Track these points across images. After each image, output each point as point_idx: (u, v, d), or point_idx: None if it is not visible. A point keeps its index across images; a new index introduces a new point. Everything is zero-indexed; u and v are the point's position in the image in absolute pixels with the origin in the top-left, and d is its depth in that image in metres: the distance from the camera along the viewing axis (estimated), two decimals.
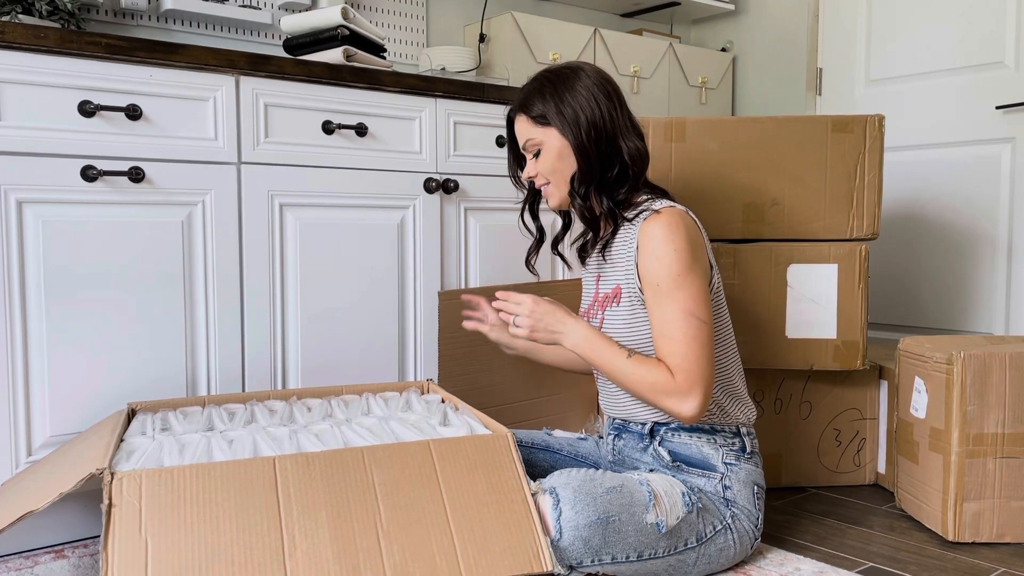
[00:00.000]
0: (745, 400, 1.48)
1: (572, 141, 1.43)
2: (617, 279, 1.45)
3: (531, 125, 1.46)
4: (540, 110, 1.45)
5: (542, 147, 1.46)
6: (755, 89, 3.15)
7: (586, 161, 1.43)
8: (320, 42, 1.90)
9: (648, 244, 1.37)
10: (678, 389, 1.33)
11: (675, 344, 1.34)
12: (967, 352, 1.56)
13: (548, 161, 1.46)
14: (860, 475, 1.94)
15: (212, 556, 1.05)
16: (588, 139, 1.42)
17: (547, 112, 1.44)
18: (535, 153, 1.48)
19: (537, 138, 1.46)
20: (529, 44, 2.59)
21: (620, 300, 1.44)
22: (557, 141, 1.44)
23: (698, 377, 1.33)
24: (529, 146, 1.48)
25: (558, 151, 1.45)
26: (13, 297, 1.43)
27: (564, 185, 1.47)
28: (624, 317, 1.44)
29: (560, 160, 1.45)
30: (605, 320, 1.48)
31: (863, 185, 1.83)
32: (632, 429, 1.49)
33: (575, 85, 1.44)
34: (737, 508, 1.40)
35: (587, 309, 1.56)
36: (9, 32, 1.38)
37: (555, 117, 1.43)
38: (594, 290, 1.53)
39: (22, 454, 1.45)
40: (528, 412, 1.90)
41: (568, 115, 1.43)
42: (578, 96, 1.43)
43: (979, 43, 2.54)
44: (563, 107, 1.43)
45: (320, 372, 1.75)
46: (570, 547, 1.20)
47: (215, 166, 1.61)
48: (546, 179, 1.49)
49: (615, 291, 1.46)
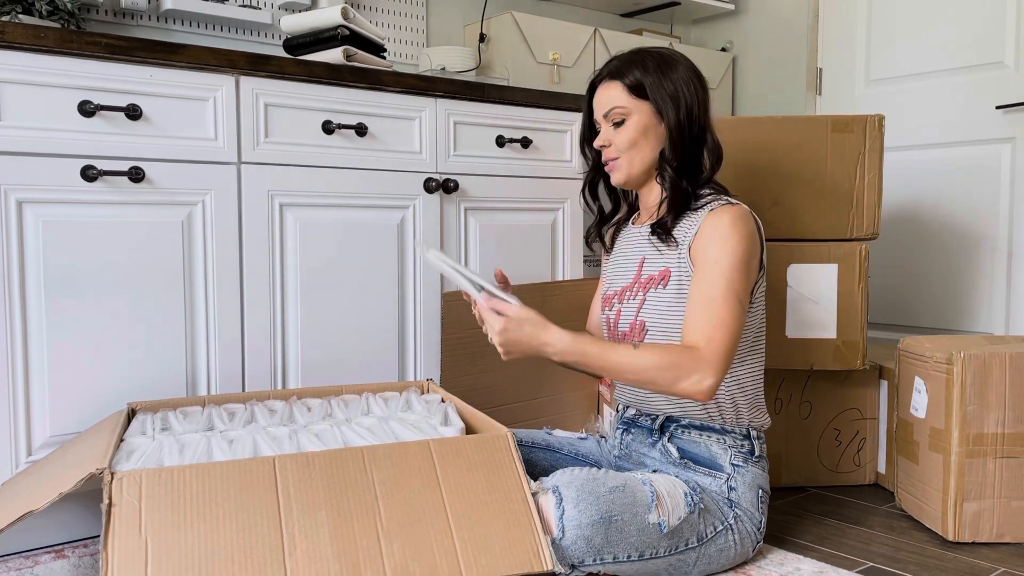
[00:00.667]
0: (762, 408, 1.49)
1: (670, 120, 1.43)
2: (668, 263, 1.45)
3: (624, 93, 1.45)
4: (638, 81, 1.44)
5: (628, 118, 1.45)
6: (755, 89, 3.15)
7: (680, 143, 1.44)
8: (320, 42, 1.90)
9: (712, 230, 1.38)
10: (703, 361, 1.30)
11: (714, 321, 1.32)
12: (967, 352, 1.56)
13: (630, 133, 1.45)
14: (860, 475, 1.94)
15: (212, 556, 1.05)
16: (686, 122, 1.43)
17: (647, 85, 1.43)
18: (618, 122, 1.46)
19: (627, 108, 1.45)
20: (529, 44, 2.59)
21: (668, 283, 1.44)
22: (647, 117, 1.44)
23: (724, 354, 1.32)
24: (614, 114, 1.46)
25: (644, 126, 1.44)
26: (13, 297, 1.43)
27: (637, 162, 1.47)
28: (668, 300, 1.44)
29: (643, 135, 1.45)
30: (647, 301, 1.47)
31: (863, 185, 1.83)
32: (642, 424, 1.50)
33: (677, 67, 1.45)
34: (740, 510, 1.40)
35: (619, 291, 1.54)
36: (9, 32, 1.38)
37: (655, 91, 1.43)
38: (635, 272, 1.51)
39: (22, 454, 1.45)
40: (528, 412, 1.90)
41: (668, 93, 1.43)
42: (679, 78, 1.44)
43: (979, 43, 2.55)
44: (665, 84, 1.43)
45: (320, 372, 1.75)
46: (572, 546, 1.20)
47: (215, 166, 1.61)
48: (618, 152, 1.47)
49: (662, 274, 1.45)
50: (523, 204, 2.05)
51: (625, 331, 1.51)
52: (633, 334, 1.48)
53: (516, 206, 2.04)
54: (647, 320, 1.46)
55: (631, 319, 1.49)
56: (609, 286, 1.60)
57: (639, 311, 1.47)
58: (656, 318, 1.44)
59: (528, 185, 2.04)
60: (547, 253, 2.10)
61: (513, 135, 2.01)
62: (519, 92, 2.03)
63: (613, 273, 1.59)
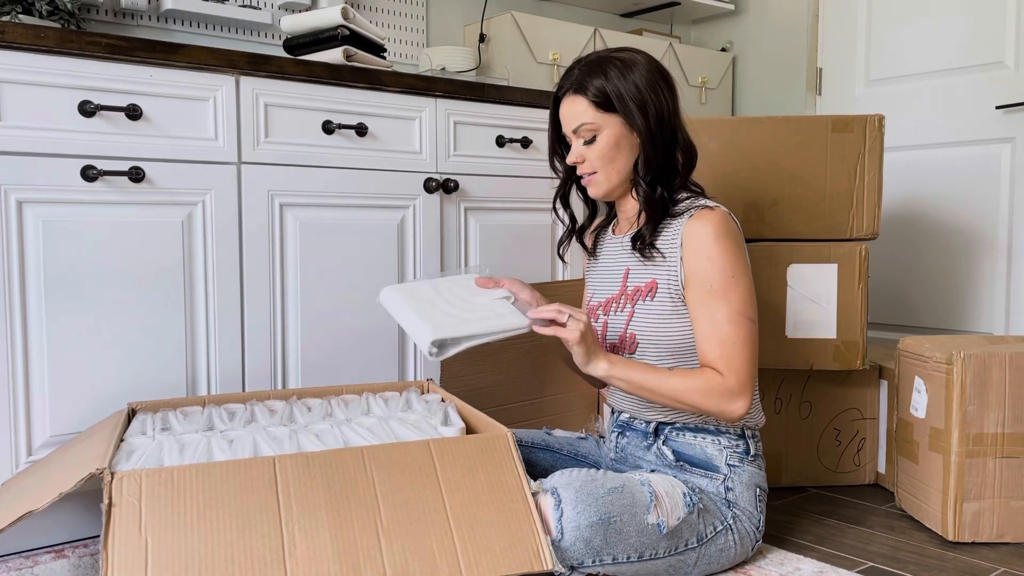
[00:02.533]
0: (757, 407, 1.48)
1: (640, 131, 1.38)
2: (655, 274, 1.42)
3: (591, 109, 1.39)
4: (603, 95, 1.38)
5: (599, 133, 1.40)
6: (755, 89, 3.15)
7: (654, 151, 1.39)
8: (320, 42, 1.90)
9: (698, 244, 1.36)
10: (730, 391, 1.34)
11: (728, 347, 1.34)
12: (967, 352, 1.56)
13: (603, 148, 1.41)
14: (860, 475, 1.94)
15: (212, 555, 1.05)
16: (656, 129, 1.39)
17: (612, 98, 1.38)
18: (589, 139, 1.42)
19: (595, 123, 1.40)
20: (529, 44, 2.59)
21: (655, 294, 1.42)
22: (617, 129, 1.40)
23: (748, 378, 1.35)
24: (583, 131, 1.41)
25: (616, 139, 1.40)
26: (13, 297, 1.43)
27: (614, 175, 1.42)
28: (657, 312, 1.42)
29: (616, 149, 1.40)
30: (635, 314, 1.44)
31: (863, 185, 1.83)
32: (636, 427, 1.49)
33: (639, 72, 1.39)
34: (738, 509, 1.40)
35: (604, 303, 1.52)
36: (9, 32, 1.38)
37: (621, 104, 1.38)
38: (620, 283, 1.49)
39: (22, 454, 1.45)
40: (528, 412, 1.90)
41: (636, 104, 1.38)
42: (643, 84, 1.38)
43: (979, 43, 2.54)
44: (630, 95, 1.38)
45: (320, 372, 1.75)
46: (571, 547, 1.20)
47: (215, 166, 1.61)
48: (593, 167, 1.43)
49: (649, 285, 1.43)
50: (523, 204, 2.05)
51: (614, 342, 1.48)
52: (624, 346, 1.47)
53: (516, 206, 2.04)
54: (637, 333, 1.44)
55: (620, 331, 1.47)
56: (593, 296, 1.57)
57: (628, 323, 1.45)
58: (646, 330, 1.43)
59: (528, 185, 2.04)
60: (547, 253, 2.10)
61: (513, 135, 2.01)
62: (519, 92, 2.03)
63: (597, 283, 1.56)
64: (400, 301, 1.39)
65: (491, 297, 1.43)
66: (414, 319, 1.34)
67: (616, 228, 1.56)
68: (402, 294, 1.41)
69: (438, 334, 1.30)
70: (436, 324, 1.32)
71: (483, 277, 1.48)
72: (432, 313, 1.35)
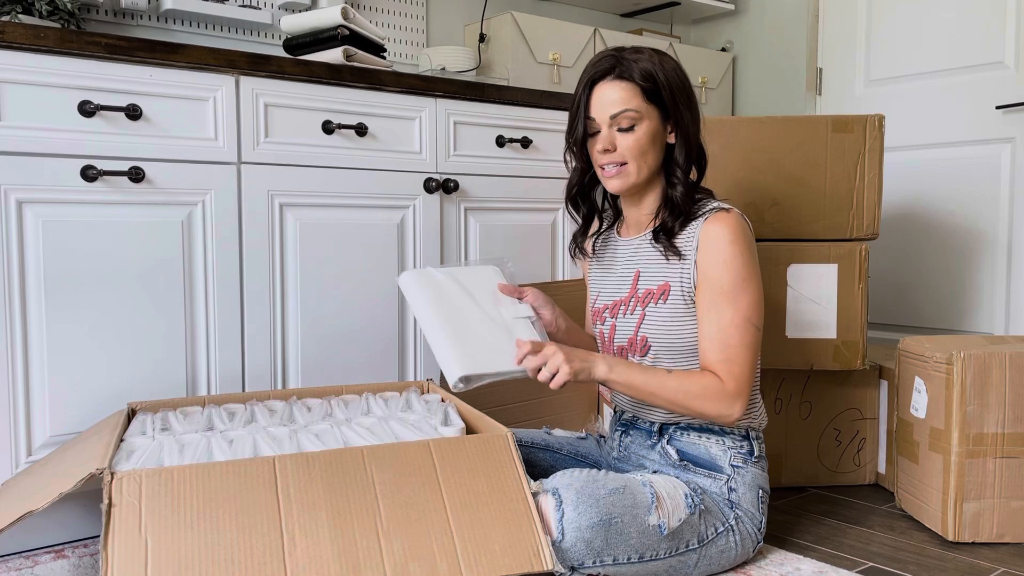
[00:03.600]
0: (759, 406, 1.48)
1: (682, 124, 1.38)
2: (667, 276, 1.41)
3: (638, 96, 1.35)
4: (652, 82, 1.35)
5: (638, 123, 1.36)
6: (755, 89, 3.15)
7: (689, 148, 1.40)
8: (320, 42, 1.90)
9: (714, 246, 1.35)
10: (728, 395, 1.34)
11: (731, 351, 1.35)
12: (967, 352, 1.56)
13: (640, 139, 1.36)
14: (860, 475, 1.94)
15: (212, 555, 1.05)
16: (693, 126, 1.39)
17: (660, 87, 1.35)
18: (627, 127, 1.36)
19: (640, 112, 1.35)
20: (529, 44, 2.59)
21: (668, 297, 1.41)
22: (656, 123, 1.38)
23: (746, 382, 1.35)
24: (624, 117, 1.35)
25: (653, 132, 1.38)
26: (13, 297, 1.43)
27: (644, 169, 1.39)
28: (670, 314, 1.41)
29: (651, 142, 1.38)
30: (647, 317, 1.43)
31: (863, 185, 1.83)
32: (640, 426, 1.49)
33: (677, 67, 1.38)
34: (741, 510, 1.40)
35: (611, 305, 1.50)
36: (9, 32, 1.38)
37: (669, 95, 1.36)
38: (630, 285, 1.47)
39: (22, 454, 1.45)
40: (528, 412, 1.90)
41: (683, 101, 1.37)
42: (685, 79, 1.38)
43: (979, 43, 2.54)
44: (675, 87, 1.36)
45: (320, 372, 1.75)
46: (572, 548, 1.20)
47: (215, 166, 1.61)
48: (624, 158, 1.38)
49: (662, 288, 1.42)
50: (523, 204, 2.05)
51: (623, 345, 1.48)
52: (634, 349, 1.46)
53: (516, 206, 2.04)
54: (649, 336, 1.43)
55: (630, 334, 1.46)
56: (597, 298, 1.55)
57: (639, 326, 1.44)
58: (659, 334, 1.42)
59: (528, 185, 2.04)
60: (547, 253, 2.11)
61: (513, 135, 2.01)
62: (519, 92, 2.03)
63: (602, 285, 1.55)
64: (425, 302, 1.39)
65: (514, 315, 1.43)
66: (443, 341, 1.34)
67: (622, 230, 1.55)
68: (427, 291, 1.40)
69: (468, 370, 1.30)
70: (467, 353, 1.32)
71: (507, 285, 1.46)
72: (464, 335, 1.34)
